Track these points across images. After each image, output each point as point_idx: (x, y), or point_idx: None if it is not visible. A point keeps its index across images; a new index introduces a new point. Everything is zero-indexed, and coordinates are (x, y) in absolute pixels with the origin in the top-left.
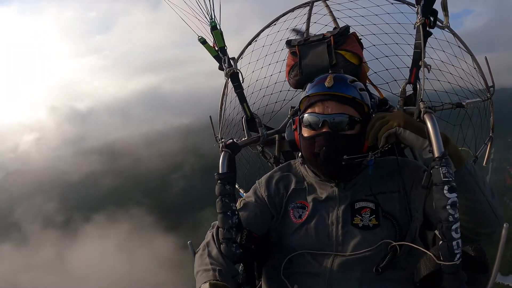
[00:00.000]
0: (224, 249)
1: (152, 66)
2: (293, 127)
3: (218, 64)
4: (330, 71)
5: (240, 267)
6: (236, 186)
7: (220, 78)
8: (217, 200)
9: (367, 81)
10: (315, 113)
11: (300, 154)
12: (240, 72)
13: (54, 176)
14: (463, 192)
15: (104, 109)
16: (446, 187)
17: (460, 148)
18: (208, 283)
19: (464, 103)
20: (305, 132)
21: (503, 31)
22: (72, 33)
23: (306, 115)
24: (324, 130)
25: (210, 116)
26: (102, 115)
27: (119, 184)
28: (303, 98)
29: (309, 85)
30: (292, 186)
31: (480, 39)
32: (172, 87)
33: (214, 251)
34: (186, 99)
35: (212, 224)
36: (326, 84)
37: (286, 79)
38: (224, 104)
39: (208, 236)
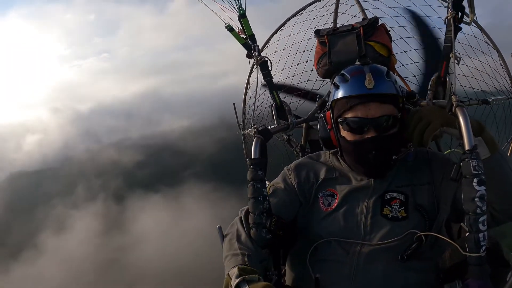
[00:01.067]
0: (254, 234)
1: (155, 69)
2: (328, 127)
3: (247, 52)
4: (357, 62)
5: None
6: None
7: (222, 80)
8: (249, 185)
9: (395, 73)
10: (359, 117)
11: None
12: (270, 60)
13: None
14: (498, 176)
15: (106, 111)
16: (475, 180)
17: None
18: (237, 268)
19: (490, 100)
20: (348, 136)
21: (502, 34)
22: (73, 35)
23: (348, 119)
24: (370, 135)
25: (233, 104)
26: (105, 116)
27: (161, 171)
28: (339, 99)
29: (340, 82)
30: (323, 175)
31: (480, 41)
32: (174, 90)
33: (243, 236)
34: (188, 101)
35: (240, 210)
36: (367, 85)
37: (315, 68)
38: (248, 93)
39: (236, 221)
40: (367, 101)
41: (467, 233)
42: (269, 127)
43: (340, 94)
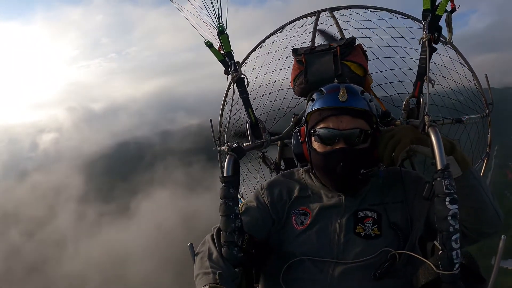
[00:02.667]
0: (225, 252)
1: (167, 69)
2: (301, 139)
3: (224, 68)
4: (335, 80)
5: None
6: None
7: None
8: (221, 203)
9: (371, 93)
10: (330, 128)
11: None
12: (246, 77)
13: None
14: (470, 195)
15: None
16: (448, 199)
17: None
18: (208, 286)
19: (463, 119)
20: (319, 148)
21: (508, 31)
22: (84, 36)
23: (319, 130)
24: (340, 146)
25: (210, 120)
26: (119, 115)
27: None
28: (313, 111)
29: (317, 97)
30: (296, 193)
31: (484, 39)
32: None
33: (214, 254)
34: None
35: (213, 228)
36: (340, 98)
37: (291, 87)
38: (225, 108)
39: (208, 239)
40: (339, 113)
41: (440, 251)
42: (243, 144)
43: (314, 107)
